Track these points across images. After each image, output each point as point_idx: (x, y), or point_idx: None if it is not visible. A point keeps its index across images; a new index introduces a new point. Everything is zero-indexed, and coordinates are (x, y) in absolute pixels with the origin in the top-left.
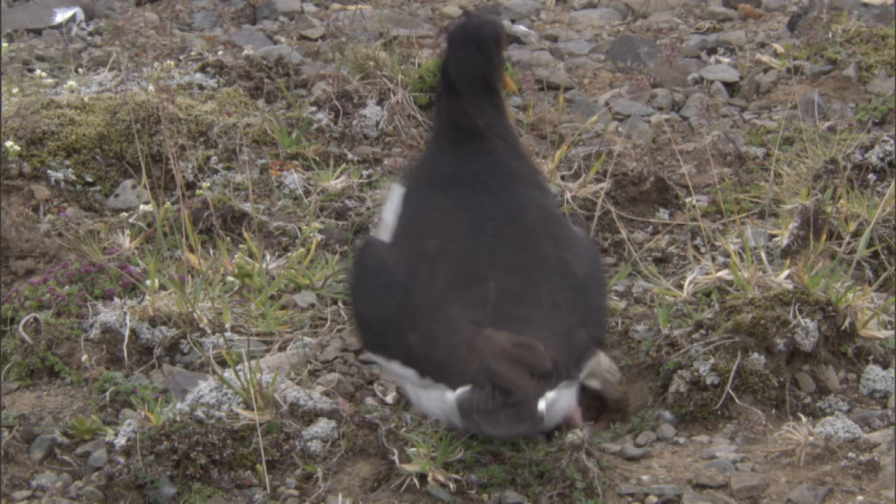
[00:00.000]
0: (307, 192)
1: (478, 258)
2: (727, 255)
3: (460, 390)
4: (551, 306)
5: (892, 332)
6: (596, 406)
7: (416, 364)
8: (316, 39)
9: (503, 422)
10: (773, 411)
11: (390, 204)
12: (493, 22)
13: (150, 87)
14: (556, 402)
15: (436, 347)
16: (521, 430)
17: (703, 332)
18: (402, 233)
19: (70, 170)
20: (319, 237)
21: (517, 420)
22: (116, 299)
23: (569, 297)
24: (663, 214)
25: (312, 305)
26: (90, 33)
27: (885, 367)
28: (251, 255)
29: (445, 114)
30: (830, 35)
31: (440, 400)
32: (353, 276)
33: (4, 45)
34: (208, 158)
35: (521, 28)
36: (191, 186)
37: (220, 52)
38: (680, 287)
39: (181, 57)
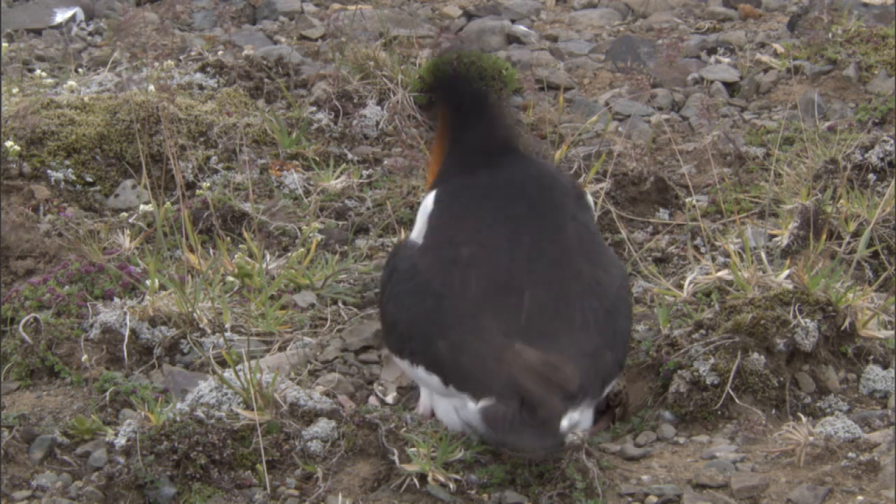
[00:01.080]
0: (307, 192)
1: (513, 269)
2: (727, 255)
3: (484, 402)
4: (582, 326)
5: (892, 332)
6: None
7: (441, 371)
8: (316, 39)
9: (527, 438)
10: (773, 411)
11: (424, 208)
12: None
13: (150, 87)
14: (579, 422)
15: (463, 356)
16: (544, 446)
17: (703, 332)
18: (435, 238)
19: (70, 170)
20: (319, 237)
21: (541, 437)
22: (116, 299)
23: (599, 318)
24: (663, 214)
25: (312, 305)
26: (90, 33)
27: (885, 367)
28: (251, 255)
29: (472, 136)
30: (830, 35)
31: (461, 409)
32: (385, 277)
33: (4, 45)
34: (208, 158)
35: (521, 28)
36: (191, 186)
37: (220, 52)
38: (680, 287)
39: (181, 57)
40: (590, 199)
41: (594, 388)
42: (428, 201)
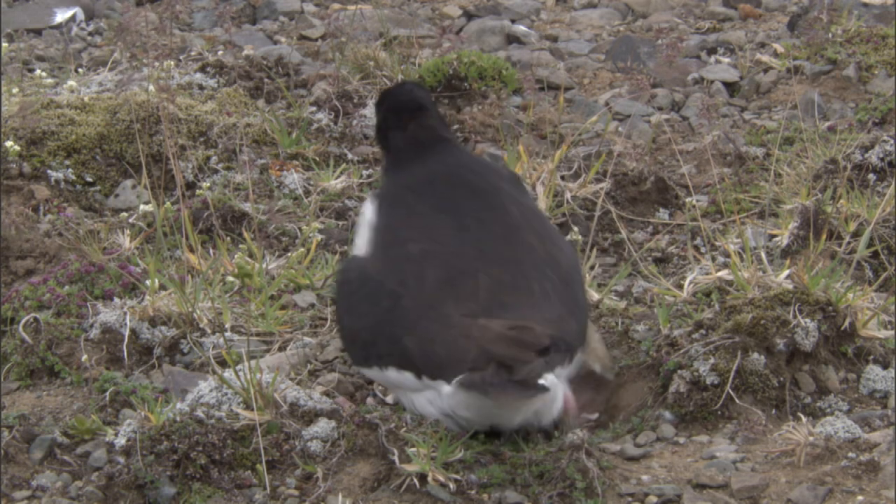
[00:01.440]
0: (307, 192)
1: (465, 254)
2: (727, 255)
3: (459, 377)
4: (542, 296)
5: (892, 332)
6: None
7: (413, 366)
8: (316, 39)
9: (511, 391)
10: (773, 411)
11: (364, 220)
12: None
13: (150, 87)
14: (556, 385)
15: (433, 345)
16: (529, 398)
17: (703, 332)
18: (382, 243)
19: (70, 170)
20: (319, 237)
21: (524, 390)
22: (116, 299)
23: (557, 288)
24: (663, 214)
25: (312, 305)
26: (90, 33)
27: (885, 367)
28: (251, 255)
29: (401, 135)
30: (830, 35)
31: (436, 400)
32: (337, 294)
33: (4, 45)
34: (208, 158)
35: (521, 28)
36: (191, 186)
37: (220, 52)
38: (680, 287)
39: (181, 57)
40: (525, 184)
41: (567, 346)
42: (366, 211)
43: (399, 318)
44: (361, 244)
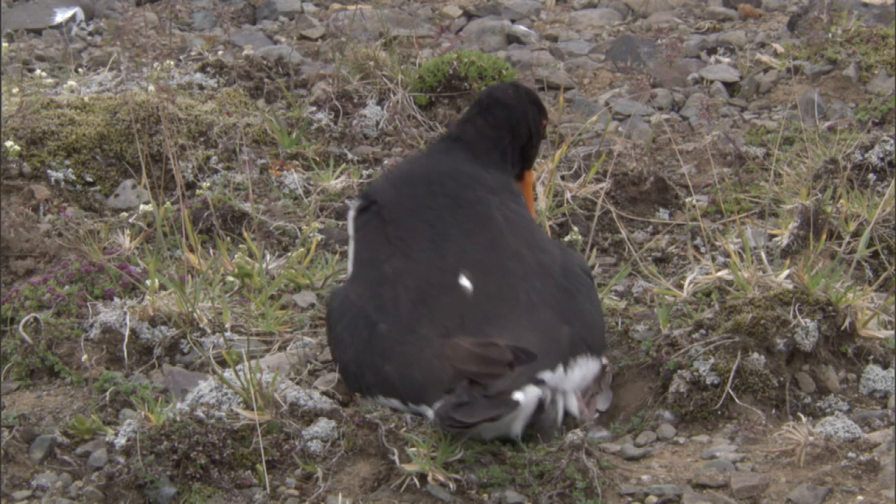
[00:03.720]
0: (307, 192)
1: (444, 268)
2: (727, 255)
3: (436, 407)
4: (528, 305)
5: (892, 332)
6: None
7: (396, 393)
8: (316, 39)
9: (478, 410)
10: (773, 411)
11: (349, 229)
12: (539, 101)
13: (150, 87)
14: (534, 394)
15: (412, 370)
16: (496, 415)
17: (703, 332)
18: (359, 263)
19: (70, 170)
20: (319, 237)
21: (491, 407)
22: (116, 299)
23: (546, 296)
24: (663, 214)
25: (312, 305)
26: (90, 33)
27: (885, 367)
28: (251, 255)
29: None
30: (830, 35)
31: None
32: (326, 324)
33: (4, 45)
34: (208, 158)
35: (521, 28)
36: (191, 186)
37: (220, 52)
38: (680, 287)
39: (181, 57)
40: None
41: (542, 359)
42: (349, 218)
43: (377, 346)
44: (349, 258)
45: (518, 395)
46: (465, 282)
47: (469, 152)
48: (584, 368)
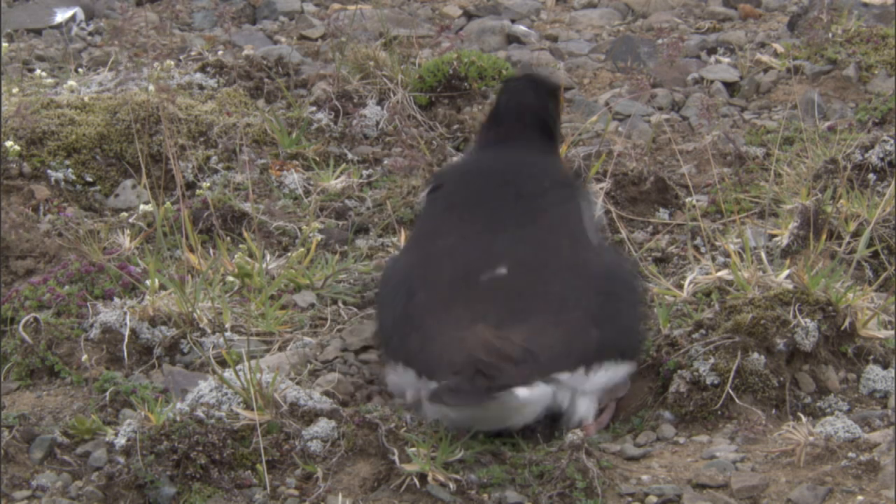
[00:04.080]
0: (307, 192)
1: (490, 254)
2: (727, 255)
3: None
4: (558, 302)
5: (892, 332)
6: None
7: (413, 363)
8: (316, 39)
9: (466, 397)
10: (773, 411)
11: (420, 205)
12: (552, 78)
13: (150, 87)
14: (561, 403)
15: (433, 345)
16: (477, 402)
17: (703, 332)
18: (419, 234)
19: (70, 170)
20: (319, 237)
21: (479, 397)
22: (116, 299)
23: (581, 296)
24: (663, 214)
25: (312, 305)
26: (90, 33)
27: (885, 367)
28: (251, 255)
29: (483, 136)
30: (830, 35)
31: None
32: (376, 286)
33: (4, 45)
34: (208, 158)
35: (521, 28)
36: (191, 186)
37: (220, 52)
38: (680, 287)
39: (181, 57)
40: (590, 193)
41: (560, 360)
42: (422, 196)
43: (411, 315)
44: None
45: (521, 391)
46: (503, 271)
47: (525, 144)
48: (611, 373)
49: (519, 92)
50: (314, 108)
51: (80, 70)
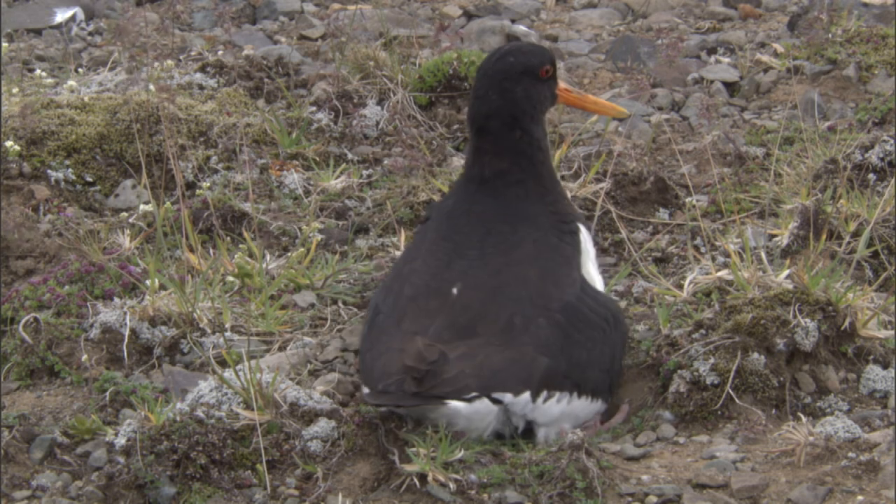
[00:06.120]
0: (307, 192)
1: (447, 277)
2: (727, 255)
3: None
4: (507, 327)
5: (892, 332)
6: None
7: (364, 379)
8: (316, 39)
9: (390, 399)
10: (773, 411)
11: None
12: (524, 51)
13: (151, 87)
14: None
15: (380, 360)
16: (398, 405)
17: (703, 332)
18: (398, 260)
19: (70, 170)
20: (319, 237)
21: (404, 401)
22: (116, 299)
23: (532, 324)
24: (663, 214)
25: (312, 305)
26: (90, 33)
27: (885, 367)
28: (251, 255)
29: (468, 156)
30: (830, 35)
31: None
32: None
33: (4, 45)
34: (208, 158)
35: (521, 28)
36: (191, 186)
37: (220, 52)
38: (680, 287)
39: (181, 57)
40: (583, 234)
41: (498, 379)
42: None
43: (370, 335)
44: None
45: (456, 404)
46: (454, 291)
47: (513, 183)
48: (571, 407)
49: (485, 94)
50: (314, 108)
51: (80, 70)
